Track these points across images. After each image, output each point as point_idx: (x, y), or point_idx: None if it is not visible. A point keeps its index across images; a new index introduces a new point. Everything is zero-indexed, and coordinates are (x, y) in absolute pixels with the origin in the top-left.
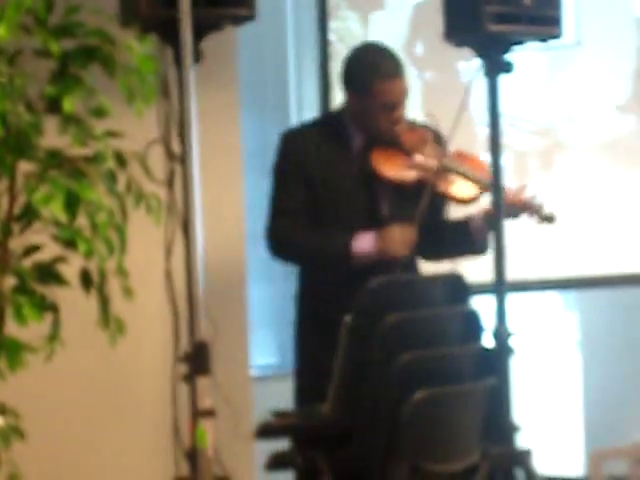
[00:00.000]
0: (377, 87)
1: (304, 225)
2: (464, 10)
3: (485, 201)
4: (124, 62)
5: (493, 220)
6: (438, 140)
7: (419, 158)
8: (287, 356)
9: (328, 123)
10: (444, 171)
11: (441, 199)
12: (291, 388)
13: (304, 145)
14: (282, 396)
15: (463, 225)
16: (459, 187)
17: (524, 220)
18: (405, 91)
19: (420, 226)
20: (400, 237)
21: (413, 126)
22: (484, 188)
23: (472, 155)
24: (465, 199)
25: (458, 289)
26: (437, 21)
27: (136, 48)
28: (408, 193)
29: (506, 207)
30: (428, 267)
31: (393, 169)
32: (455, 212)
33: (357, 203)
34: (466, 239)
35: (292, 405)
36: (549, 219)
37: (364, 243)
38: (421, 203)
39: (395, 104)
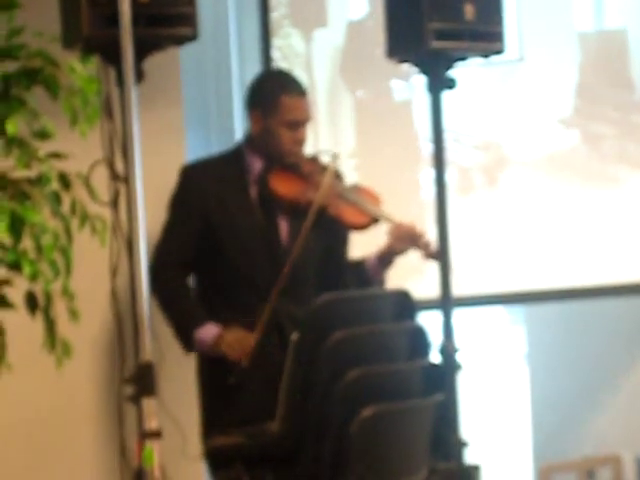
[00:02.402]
0: (283, 102)
1: (181, 281)
2: (406, 27)
3: (380, 239)
4: (67, 83)
5: (389, 258)
6: (336, 175)
7: (316, 182)
8: None
9: (226, 156)
10: (338, 197)
11: (343, 238)
12: None
13: (203, 179)
14: None
15: (359, 265)
16: (351, 213)
17: (469, 236)
18: (309, 113)
19: (310, 256)
20: (237, 342)
21: (313, 157)
22: (374, 218)
23: (368, 189)
24: (355, 224)
25: (405, 305)
26: (372, 39)
27: (79, 69)
28: (304, 217)
29: (396, 242)
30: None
31: (289, 190)
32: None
33: (255, 232)
34: (362, 280)
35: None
36: (436, 257)
37: (206, 335)
38: (305, 222)
39: (299, 122)
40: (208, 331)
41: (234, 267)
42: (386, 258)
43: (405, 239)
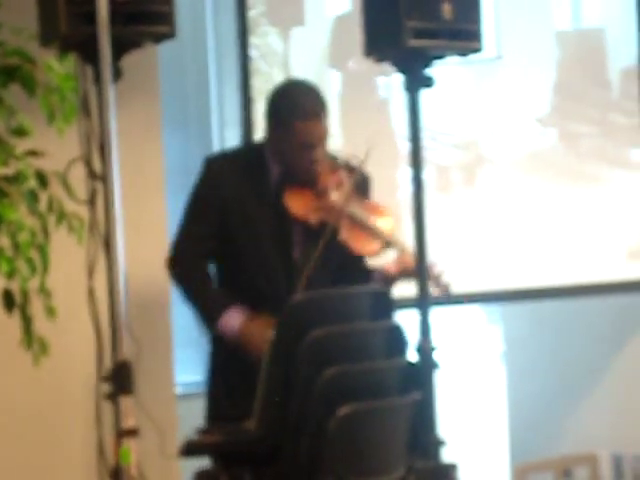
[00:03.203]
0: (296, 127)
1: (203, 269)
2: (384, 25)
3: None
4: (44, 81)
5: (394, 281)
6: (361, 184)
7: (328, 201)
8: None
9: (249, 153)
10: (350, 219)
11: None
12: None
13: (224, 174)
14: None
15: (368, 277)
16: (361, 239)
17: (446, 235)
18: (325, 132)
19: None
20: (261, 335)
21: (335, 166)
22: (385, 245)
23: (385, 209)
24: (363, 251)
25: (382, 304)
26: (357, 34)
27: (56, 67)
28: (318, 232)
29: (404, 270)
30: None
31: (301, 207)
32: None
33: (269, 238)
34: None
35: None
36: (447, 290)
37: (231, 323)
38: (318, 247)
39: (313, 144)
40: (231, 320)
41: (246, 272)
42: (391, 281)
43: (413, 270)
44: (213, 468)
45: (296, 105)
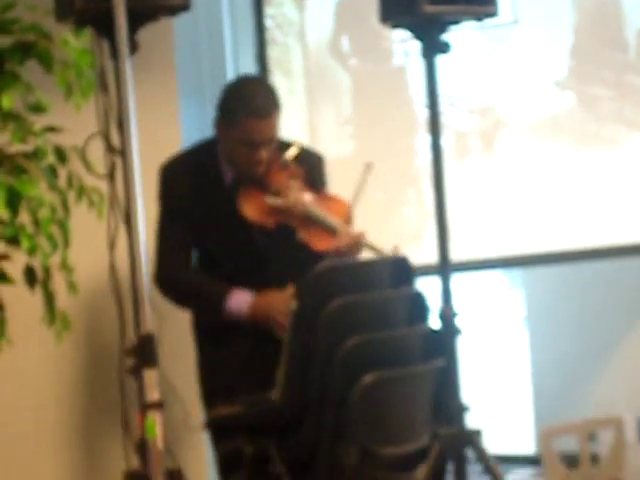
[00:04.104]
0: (242, 122)
1: (187, 268)
2: None
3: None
4: (61, 57)
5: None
6: (312, 172)
7: (281, 202)
8: None
9: (203, 154)
10: (306, 218)
11: None
12: None
13: (178, 179)
14: None
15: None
16: (319, 238)
17: (466, 201)
18: (272, 133)
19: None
20: (278, 306)
21: (285, 163)
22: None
23: (339, 200)
24: (321, 250)
25: (403, 271)
26: (362, 11)
27: (72, 42)
28: (278, 231)
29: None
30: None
31: (255, 212)
32: None
33: (232, 235)
34: None
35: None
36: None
37: (239, 303)
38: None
39: (258, 143)
40: (239, 299)
41: (219, 269)
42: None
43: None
44: (237, 440)
45: (247, 100)
